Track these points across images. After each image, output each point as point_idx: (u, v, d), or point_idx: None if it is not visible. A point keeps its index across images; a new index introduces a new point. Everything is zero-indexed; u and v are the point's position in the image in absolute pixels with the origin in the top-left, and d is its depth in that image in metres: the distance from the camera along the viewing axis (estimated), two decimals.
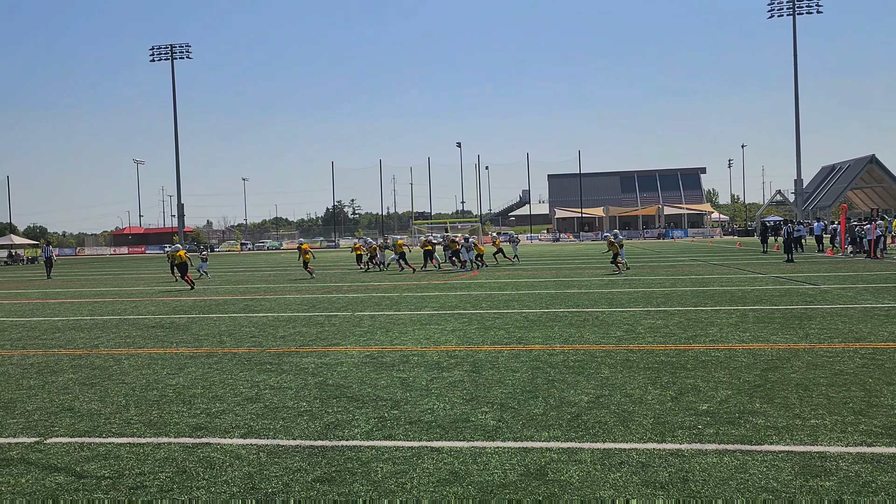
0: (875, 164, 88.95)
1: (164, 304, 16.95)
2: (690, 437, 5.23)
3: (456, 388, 7.04)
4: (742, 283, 18.13)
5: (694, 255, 35.74)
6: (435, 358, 8.70)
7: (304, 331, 11.46)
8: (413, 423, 5.79)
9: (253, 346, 9.98)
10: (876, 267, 23.18)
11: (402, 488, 4.36)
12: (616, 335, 10.09)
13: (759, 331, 10.11)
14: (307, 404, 6.53)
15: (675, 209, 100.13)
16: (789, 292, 15.50)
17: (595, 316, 12.30)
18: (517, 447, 5.10)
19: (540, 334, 10.37)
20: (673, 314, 12.22)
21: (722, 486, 4.24)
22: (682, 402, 6.21)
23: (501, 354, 8.82)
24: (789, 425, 5.44)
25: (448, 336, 10.47)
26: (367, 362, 8.53)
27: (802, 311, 12.06)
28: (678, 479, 4.39)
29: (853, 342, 8.93)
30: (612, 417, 5.80)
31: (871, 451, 4.77)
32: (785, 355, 8.21)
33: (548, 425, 5.63)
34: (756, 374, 7.24)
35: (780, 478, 4.35)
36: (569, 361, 8.22)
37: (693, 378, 7.16)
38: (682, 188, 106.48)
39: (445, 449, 5.11)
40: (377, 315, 13.41)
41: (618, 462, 4.73)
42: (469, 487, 4.34)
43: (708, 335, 9.85)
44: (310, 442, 5.36)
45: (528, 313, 12.97)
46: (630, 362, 8.07)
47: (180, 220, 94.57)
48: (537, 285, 19.54)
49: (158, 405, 6.65)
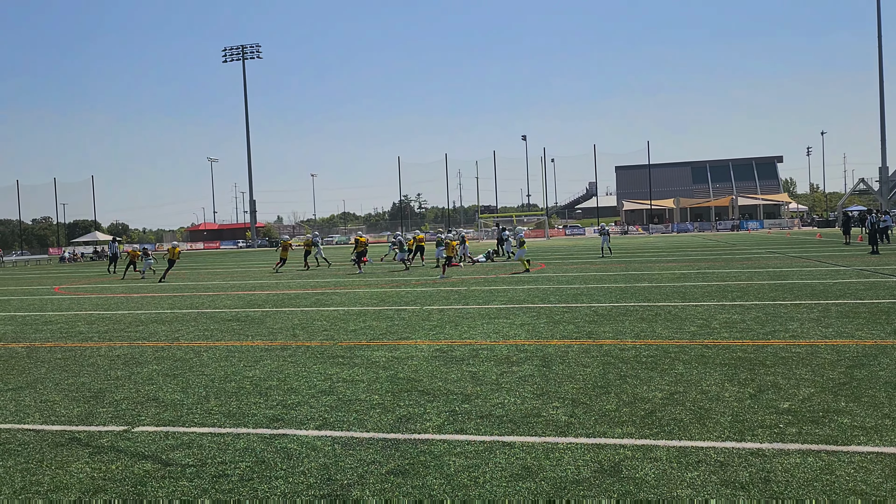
0: None
1: (240, 299, 17.48)
2: (771, 436, 5.06)
3: (526, 382, 7.01)
4: (823, 276, 17.41)
5: (771, 247, 34.53)
6: (504, 352, 8.69)
7: (375, 325, 11.62)
8: (484, 418, 5.80)
9: (325, 340, 10.18)
10: None
11: (474, 482, 4.38)
12: (690, 330, 9.86)
13: (843, 326, 9.69)
14: (379, 397, 6.63)
15: (750, 200, 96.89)
16: (875, 286, 14.80)
17: (667, 310, 12.03)
18: (590, 443, 5.05)
19: (610, 329, 10.23)
20: (750, 308, 11.85)
21: (806, 488, 4.09)
22: (761, 400, 6.02)
23: (571, 349, 8.74)
24: (878, 425, 5.20)
25: (517, 330, 10.43)
26: (437, 356, 8.59)
27: (890, 306, 11.50)
28: (759, 479, 4.25)
29: None
30: (687, 415, 5.67)
31: None
32: (872, 352, 7.85)
33: (621, 421, 5.55)
34: (841, 372, 6.95)
35: (868, 480, 4.17)
36: (641, 357, 8.07)
37: (773, 375, 6.93)
38: (758, 178, 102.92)
39: (517, 444, 5.10)
40: (446, 309, 13.48)
41: (695, 461, 4.62)
42: (542, 483, 4.32)
43: (788, 330, 9.51)
44: (383, 434, 5.44)
45: (598, 307, 12.79)
46: (705, 358, 7.86)
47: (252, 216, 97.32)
48: (606, 279, 19.25)
49: (237, 396, 6.87)
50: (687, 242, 48.49)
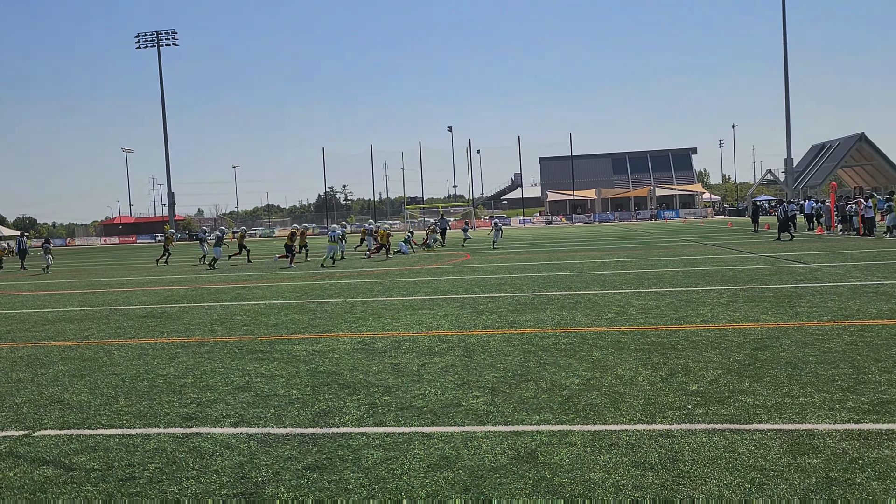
0: (864, 142, 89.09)
1: (156, 294, 16.89)
2: (680, 417, 5.24)
3: (448, 372, 7.04)
4: (733, 263, 18.19)
5: (686, 236, 35.83)
6: (427, 343, 8.70)
7: (297, 318, 11.44)
8: (404, 409, 5.79)
9: (245, 335, 9.95)
10: (866, 244, 23.29)
11: (392, 474, 4.36)
12: (608, 317, 10.11)
13: (749, 310, 10.14)
14: (298, 392, 6.52)
15: (667, 190, 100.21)
16: (780, 271, 15.55)
17: (587, 298, 12.31)
18: (508, 431, 5.11)
19: (532, 317, 10.38)
20: (664, 295, 12.25)
21: (711, 466, 4.25)
22: (672, 383, 6.23)
23: (493, 338, 8.82)
24: (778, 404, 5.46)
25: (440, 321, 10.46)
26: (359, 349, 8.52)
27: (792, 290, 12.11)
28: (668, 459, 4.40)
29: (842, 320, 8.97)
30: (602, 399, 5.81)
31: (859, 428, 4.80)
32: (775, 334, 8.24)
33: (539, 408, 5.64)
34: (746, 354, 7.27)
35: (768, 456, 4.37)
36: (560, 344, 8.23)
37: (684, 358, 7.18)
38: (674, 169, 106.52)
39: (436, 434, 5.11)
40: (369, 301, 13.39)
41: (608, 444, 4.74)
42: (460, 472, 4.34)
43: (699, 315, 9.88)
44: (301, 430, 5.35)
45: (521, 297, 12.97)
46: (621, 344, 8.08)
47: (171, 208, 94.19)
48: (530, 269, 19.55)
49: (149, 396, 6.62)
50: (608, 232, 49.80)
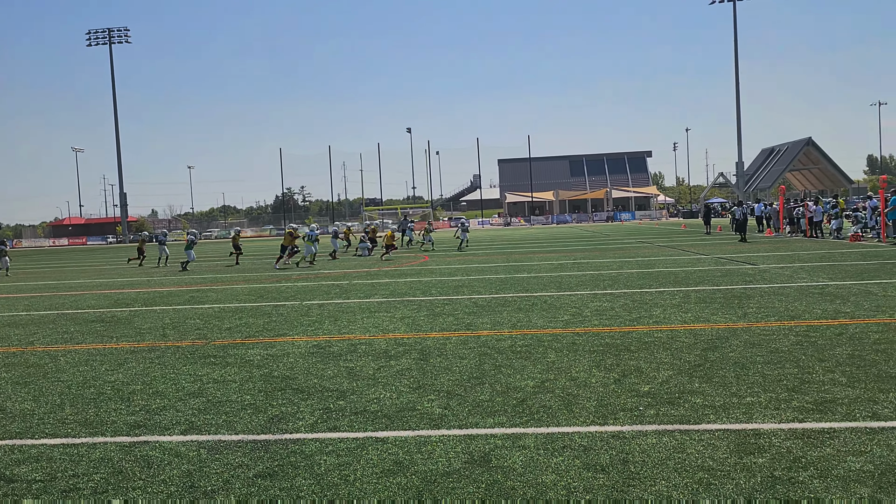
0: (812, 146, 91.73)
1: (106, 298, 16.48)
2: (631, 418, 5.31)
3: (403, 376, 7.02)
4: (685, 265, 18.54)
5: (641, 238, 36.41)
6: (383, 346, 8.66)
7: (251, 321, 11.28)
8: (358, 414, 5.75)
9: (197, 339, 9.77)
10: (812, 246, 23.98)
11: (344, 481, 4.33)
12: (563, 319, 10.21)
13: (700, 311, 10.34)
14: (251, 397, 6.43)
15: (623, 192, 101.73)
16: (730, 273, 15.91)
17: (543, 300, 12.41)
18: (462, 434, 5.11)
19: (489, 320, 10.42)
20: (619, 296, 12.42)
21: (660, 467, 4.32)
22: (624, 384, 6.31)
23: (450, 341, 8.83)
24: (726, 404, 5.58)
25: (397, 324, 10.43)
26: (315, 352, 8.44)
27: (742, 291, 12.39)
28: (618, 461, 4.45)
29: (789, 320, 9.21)
30: (556, 401, 5.86)
31: (803, 427, 4.93)
32: (724, 335, 8.42)
33: (493, 411, 5.66)
34: (696, 354, 7.41)
35: (715, 456, 4.46)
36: (516, 346, 8.27)
37: (636, 360, 7.29)
38: (630, 171, 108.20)
39: (390, 439, 5.09)
40: (326, 304, 13.29)
41: (560, 446, 4.78)
42: (413, 477, 4.33)
43: (652, 316, 10.04)
44: (253, 436, 5.27)
45: (478, 299, 13.01)
46: (576, 346, 8.16)
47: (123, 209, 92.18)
48: (487, 270, 19.63)
49: (95, 403, 6.45)
50: (565, 233, 50.33)
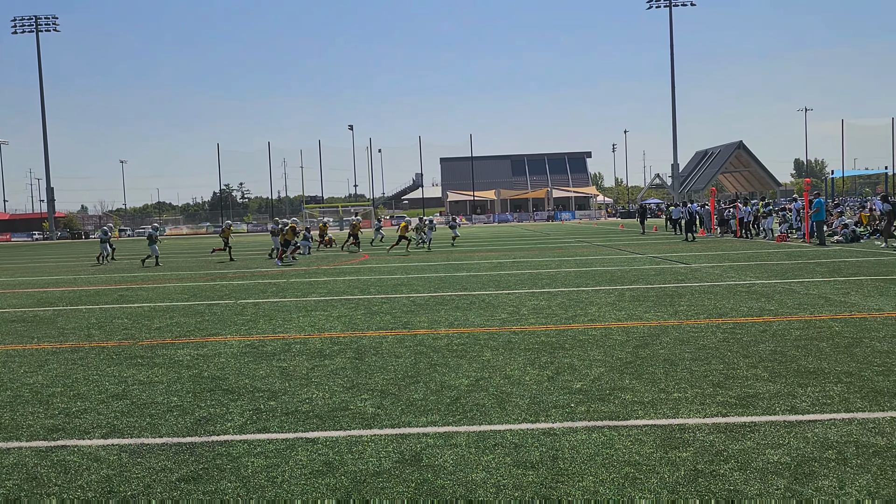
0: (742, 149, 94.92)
1: (28, 297, 15.80)
2: (563, 415, 5.37)
3: (337, 375, 6.93)
4: (622, 264, 18.91)
5: (580, 237, 37.01)
6: (318, 345, 8.55)
7: (182, 321, 10.98)
8: (289, 414, 5.65)
9: (124, 339, 9.45)
10: (742, 246, 24.80)
11: (272, 482, 4.24)
12: (500, 317, 10.27)
13: (634, 309, 10.55)
14: (178, 399, 6.24)
15: (564, 192, 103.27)
16: (663, 271, 16.30)
17: (482, 299, 12.47)
18: (394, 434, 5.07)
19: (426, 318, 10.40)
20: (556, 295, 12.57)
21: (589, 463, 4.37)
22: (557, 382, 6.38)
23: (386, 340, 8.77)
24: (654, 399, 5.69)
25: (333, 322, 10.31)
26: (247, 352, 8.27)
27: (674, 290, 12.71)
28: (548, 457, 4.49)
29: (717, 317, 9.48)
30: (490, 400, 5.88)
31: (726, 422, 5.07)
32: (656, 332, 8.61)
33: (427, 410, 5.64)
34: (628, 352, 7.54)
35: (642, 451, 4.54)
36: (452, 345, 8.28)
37: (570, 357, 7.38)
38: (570, 171, 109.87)
39: (321, 439, 5.01)
40: (261, 303, 13.04)
41: (492, 444, 4.79)
42: (342, 478, 4.27)
43: (587, 315, 10.19)
44: (177, 439, 5.12)
45: (416, 297, 12.98)
46: (512, 344, 8.21)
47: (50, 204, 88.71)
48: (427, 269, 19.62)
49: (11, 407, 6.16)
50: (506, 232, 50.78)
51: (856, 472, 4.07)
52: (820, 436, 4.71)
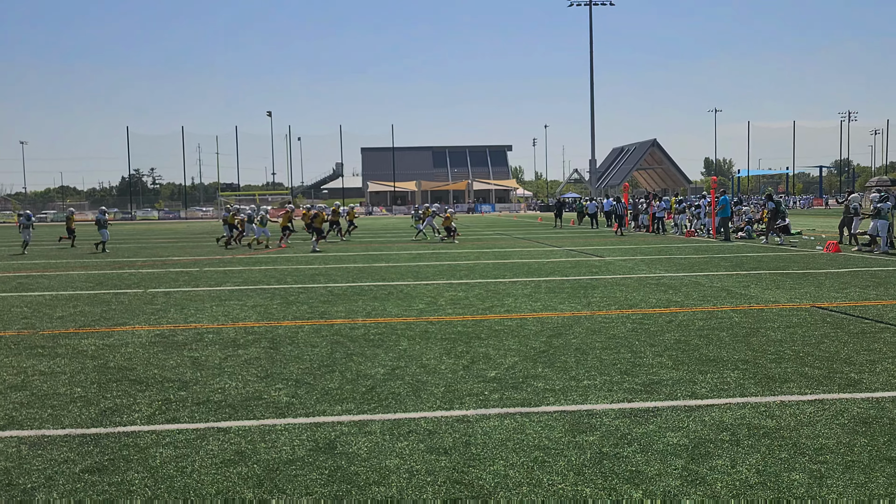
0: (656, 147, 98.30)
1: None
2: (477, 403, 5.48)
3: (251, 365, 6.83)
4: (539, 256, 19.32)
5: (499, 229, 37.54)
6: (232, 335, 8.39)
7: (87, 310, 10.54)
8: (201, 405, 5.53)
9: (24, 329, 9.00)
10: (654, 241, 25.75)
11: (181, 473, 4.15)
12: (418, 308, 10.33)
13: (549, 300, 10.82)
14: (82, 390, 6.01)
15: (484, 185, 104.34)
16: (579, 264, 16.76)
17: (400, 289, 12.50)
18: (309, 422, 5.06)
19: (343, 308, 10.35)
20: (474, 286, 12.74)
21: (500, 448, 4.49)
22: (472, 371, 6.49)
23: (302, 329, 8.69)
24: (565, 387, 5.88)
25: (248, 312, 10.13)
26: (157, 342, 8.03)
27: (588, 282, 13.10)
28: (461, 443, 4.58)
29: (627, 309, 9.84)
30: (405, 388, 5.93)
31: (631, 407, 5.30)
32: (569, 322, 8.87)
33: (342, 399, 5.64)
34: (542, 341, 7.75)
35: (551, 436, 4.69)
36: (370, 335, 8.28)
37: (486, 347, 7.51)
38: (491, 164, 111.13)
39: (233, 429, 4.94)
40: (172, 292, 12.66)
41: (406, 431, 4.84)
42: (254, 466, 4.23)
43: (504, 305, 10.38)
44: (81, 430, 4.94)
45: (334, 287, 12.89)
46: (429, 334, 8.29)
47: None
48: (345, 259, 19.50)
49: None
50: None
51: (747, 452, 4.34)
52: (716, 419, 4.99)
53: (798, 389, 5.71)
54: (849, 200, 21.18)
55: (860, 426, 4.79)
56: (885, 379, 5.97)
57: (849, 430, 4.70)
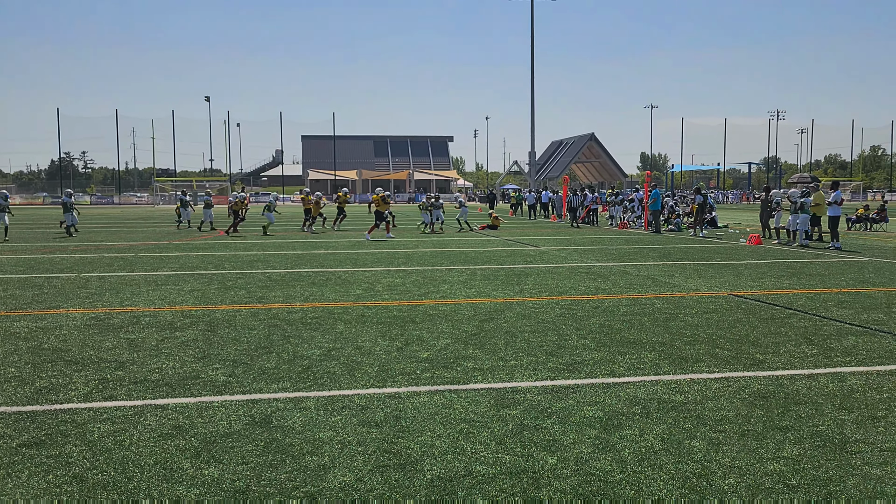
0: (594, 141, 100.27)
1: None
2: (409, 381, 5.75)
3: (188, 347, 6.93)
4: (477, 245, 19.70)
5: None
6: (169, 318, 8.43)
7: (18, 294, 10.36)
8: (138, 383, 5.64)
9: None
10: (588, 232, 26.48)
11: (119, 445, 4.29)
12: (356, 293, 10.53)
13: (483, 287, 11.17)
14: (16, 370, 6.03)
15: (425, 175, 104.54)
16: (514, 253, 17.20)
17: (338, 276, 12.66)
18: (245, 399, 5.24)
19: (281, 293, 10.47)
20: (411, 273, 12.99)
21: (429, 421, 4.77)
22: (406, 352, 6.76)
23: (240, 313, 8.79)
24: (493, 367, 6.21)
25: (185, 296, 10.14)
26: (92, 325, 8.02)
27: (522, 270, 13.51)
28: (392, 417, 4.84)
29: (557, 295, 10.26)
30: (340, 368, 6.15)
31: (553, 384, 5.65)
32: (501, 308, 9.22)
33: (278, 378, 5.82)
34: (474, 325, 8.06)
35: (477, 410, 5.00)
36: (307, 318, 8.45)
37: (420, 330, 7.78)
38: (432, 155, 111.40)
39: (171, 406, 5.08)
40: (107, 276, 12.51)
41: (340, 407, 5.08)
42: (192, 439, 4.40)
43: (439, 291, 10.67)
44: (17, 408, 5.00)
45: (272, 273, 12.96)
46: (365, 318, 8.51)
47: None
48: (284, 246, 19.48)
49: None
50: (365, 212, 50.78)
51: (654, 423, 4.74)
52: (630, 394, 5.38)
53: (707, 368, 6.17)
54: (769, 196, 22.25)
55: (759, 400, 5.25)
56: (786, 359, 6.50)
57: (748, 404, 5.16)
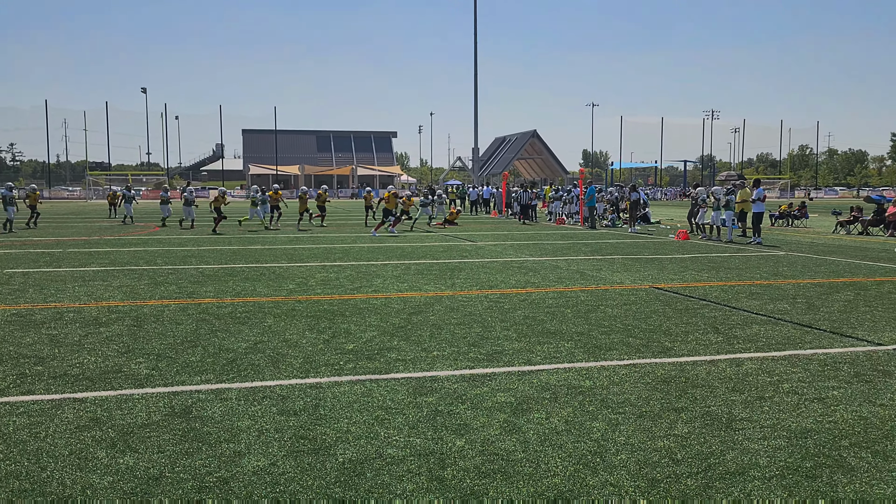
0: (536, 138, 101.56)
1: None
2: (331, 372, 5.89)
3: (112, 342, 6.92)
4: (414, 241, 19.89)
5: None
6: (94, 314, 8.36)
7: None
8: (57, 378, 5.63)
9: None
10: (526, 228, 26.96)
11: (35, 437, 4.33)
12: (288, 288, 10.59)
13: (416, 281, 11.36)
14: None
15: (369, 170, 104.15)
16: (451, 248, 17.45)
17: (272, 270, 12.67)
18: (167, 391, 5.30)
19: (213, 289, 10.45)
20: (346, 268, 13.09)
21: (347, 409, 4.93)
22: (332, 344, 6.90)
23: (168, 308, 8.77)
24: (416, 357, 6.40)
25: (113, 292, 10.03)
26: (12, 321, 7.90)
27: (456, 265, 13.76)
28: (311, 406, 4.99)
29: (487, 289, 10.53)
30: (265, 360, 6.26)
31: (471, 373, 5.88)
32: (430, 301, 9.43)
33: (202, 371, 5.89)
34: (402, 318, 8.24)
35: (395, 398, 5.19)
36: (237, 313, 8.49)
37: (348, 323, 7.93)
38: (376, 150, 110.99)
39: (90, 399, 5.11)
40: (32, 272, 12.23)
41: (261, 397, 5.19)
42: (109, 431, 4.46)
43: (372, 286, 10.82)
44: None
45: (205, 269, 12.88)
46: (295, 312, 8.60)
47: None
48: (220, 241, 19.29)
49: None
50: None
51: (561, 406, 5.01)
52: (543, 381, 5.65)
53: (618, 356, 6.50)
54: (696, 193, 23.10)
55: (660, 384, 5.59)
56: (692, 347, 6.89)
57: (650, 388, 5.49)
